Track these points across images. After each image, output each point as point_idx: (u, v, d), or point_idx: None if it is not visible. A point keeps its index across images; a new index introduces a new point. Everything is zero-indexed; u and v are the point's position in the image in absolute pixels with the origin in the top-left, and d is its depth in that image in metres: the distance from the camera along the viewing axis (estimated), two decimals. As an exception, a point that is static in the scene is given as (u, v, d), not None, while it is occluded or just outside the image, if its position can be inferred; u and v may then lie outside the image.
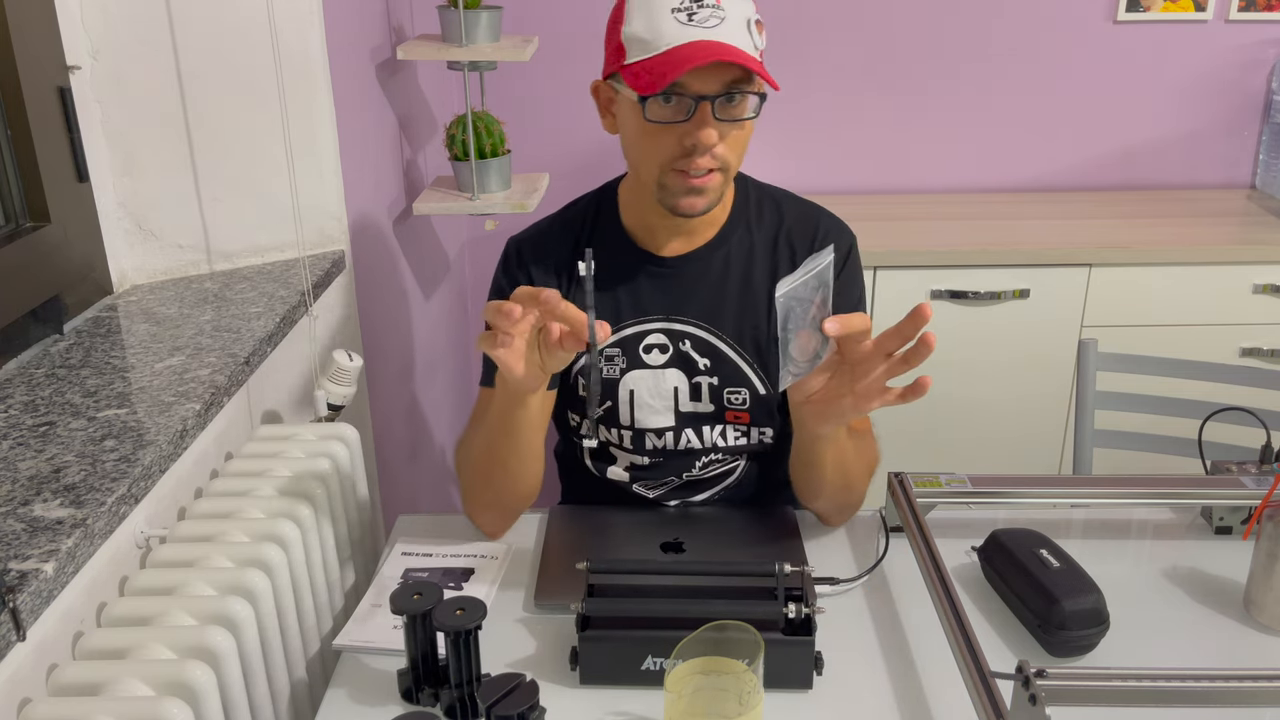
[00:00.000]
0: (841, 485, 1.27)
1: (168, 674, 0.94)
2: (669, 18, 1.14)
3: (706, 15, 1.14)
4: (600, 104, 1.27)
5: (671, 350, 1.32)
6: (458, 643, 1.00)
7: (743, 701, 0.92)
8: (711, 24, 1.14)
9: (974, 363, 2.34)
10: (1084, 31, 2.55)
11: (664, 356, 1.32)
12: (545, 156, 2.39)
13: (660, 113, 1.17)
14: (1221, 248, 2.27)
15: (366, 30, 1.88)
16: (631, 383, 1.32)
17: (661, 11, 1.15)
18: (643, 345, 1.33)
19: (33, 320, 1.32)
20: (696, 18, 1.14)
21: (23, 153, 1.31)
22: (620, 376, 1.33)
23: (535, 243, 1.36)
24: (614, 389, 1.33)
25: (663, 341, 1.33)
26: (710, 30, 1.14)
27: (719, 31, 1.14)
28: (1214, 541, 1.31)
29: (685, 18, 1.14)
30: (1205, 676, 0.93)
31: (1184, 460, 1.70)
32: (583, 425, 1.38)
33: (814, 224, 1.34)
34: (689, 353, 1.32)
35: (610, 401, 1.33)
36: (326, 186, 1.64)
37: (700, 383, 1.32)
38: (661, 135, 1.18)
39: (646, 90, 1.14)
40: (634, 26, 1.17)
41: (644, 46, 1.16)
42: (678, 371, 1.32)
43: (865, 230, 1.40)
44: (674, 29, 1.14)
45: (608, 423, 1.35)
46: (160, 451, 1.09)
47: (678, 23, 1.14)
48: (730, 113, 1.17)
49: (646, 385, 1.32)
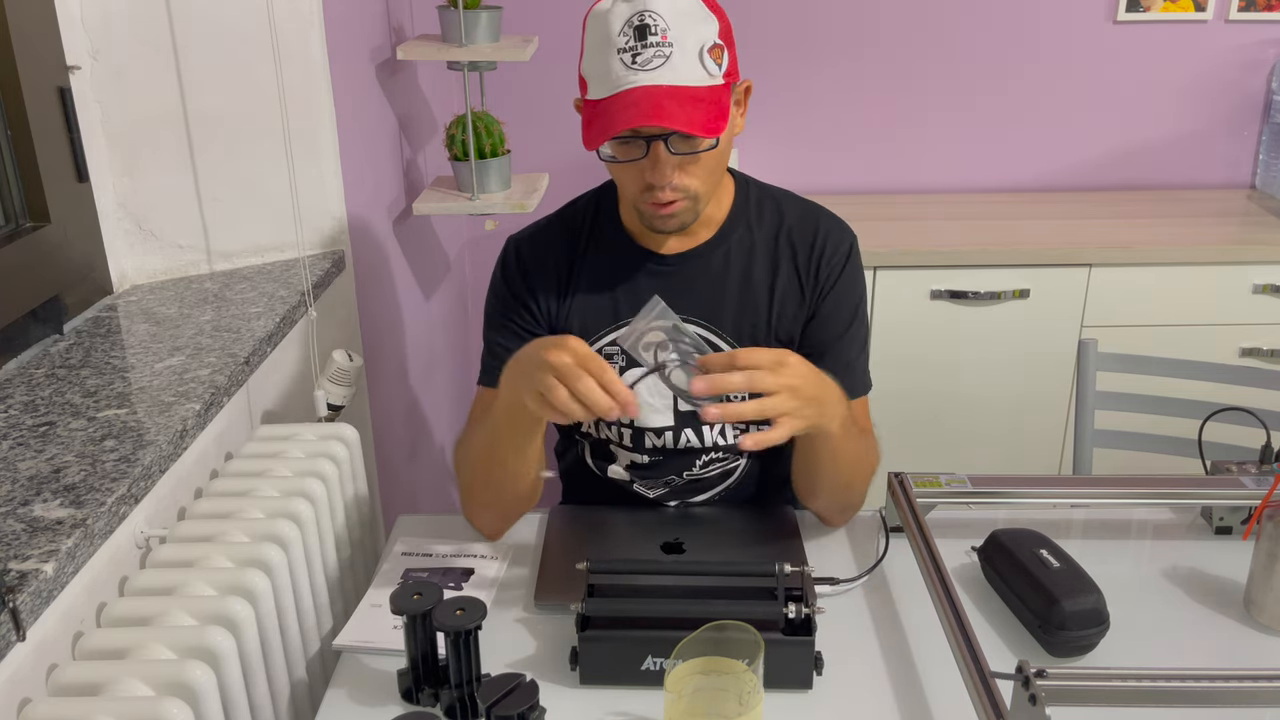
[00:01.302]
0: (841, 485, 1.27)
1: (168, 674, 0.94)
2: (615, 59, 1.13)
3: (650, 56, 1.12)
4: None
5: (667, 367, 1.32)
6: (458, 643, 1.00)
7: (743, 701, 0.92)
8: (654, 65, 1.12)
9: (974, 363, 2.34)
10: (1084, 31, 2.55)
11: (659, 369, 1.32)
12: (545, 156, 2.39)
13: (618, 150, 1.19)
14: (1221, 248, 2.27)
15: (366, 30, 1.88)
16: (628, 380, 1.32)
17: (608, 51, 1.14)
18: (642, 343, 1.32)
19: (33, 320, 1.32)
20: (640, 59, 1.12)
21: (23, 153, 1.31)
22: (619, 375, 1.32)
23: (535, 242, 1.36)
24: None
25: (662, 339, 1.33)
26: (652, 73, 1.12)
27: (660, 74, 1.12)
28: (1214, 541, 1.31)
29: (630, 59, 1.13)
30: (1205, 676, 0.93)
31: (1184, 460, 1.69)
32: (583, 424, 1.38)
33: (814, 223, 1.34)
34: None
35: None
36: (326, 186, 1.64)
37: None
38: (624, 171, 1.21)
39: (585, 143, 1.16)
40: (587, 63, 1.18)
41: (595, 85, 1.17)
42: (678, 371, 1.32)
43: (865, 230, 1.40)
44: (619, 72, 1.13)
45: (608, 421, 1.35)
46: (160, 451, 1.09)
47: (623, 65, 1.13)
48: (689, 145, 1.17)
49: (646, 384, 1.32)
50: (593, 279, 1.33)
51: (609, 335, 1.33)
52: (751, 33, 2.55)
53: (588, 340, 1.33)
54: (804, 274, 1.32)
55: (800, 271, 1.32)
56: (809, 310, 1.32)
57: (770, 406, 1.06)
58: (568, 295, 1.34)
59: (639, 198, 1.22)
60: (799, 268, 1.32)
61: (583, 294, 1.33)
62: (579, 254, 1.34)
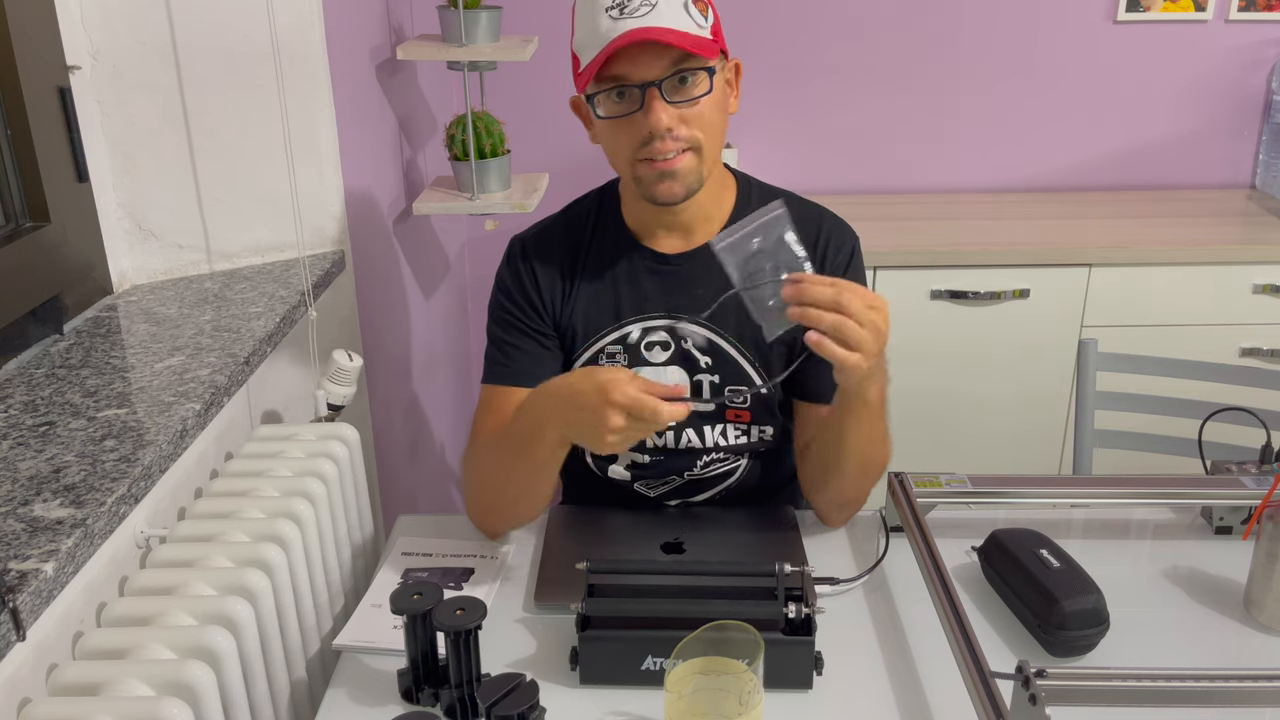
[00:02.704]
0: (858, 469, 1.25)
1: (168, 674, 0.94)
2: (603, 16, 1.17)
3: (638, 5, 1.16)
4: (582, 118, 1.30)
5: (673, 348, 1.33)
6: (458, 643, 1.00)
7: (743, 701, 0.92)
8: (642, 12, 1.16)
9: (974, 363, 2.34)
10: (1084, 31, 2.55)
11: (665, 354, 1.32)
12: (545, 156, 2.39)
13: (613, 108, 1.20)
14: (1221, 248, 2.27)
15: (366, 30, 1.88)
16: None
17: (597, 13, 1.17)
18: (644, 343, 1.33)
19: (33, 320, 1.32)
20: (628, 9, 1.16)
21: (23, 153, 1.31)
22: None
23: (539, 241, 1.36)
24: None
25: (664, 339, 1.33)
26: (641, 18, 1.15)
27: (650, 18, 1.15)
28: (1214, 541, 1.31)
29: (618, 12, 1.16)
30: (1205, 676, 0.93)
31: (1184, 460, 1.70)
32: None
33: (816, 224, 1.34)
34: (690, 351, 1.32)
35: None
36: (326, 186, 1.64)
37: (701, 381, 1.32)
38: (621, 129, 1.21)
39: (582, 87, 1.18)
40: (578, 35, 1.21)
41: (587, 50, 1.19)
42: (679, 369, 1.33)
43: (865, 230, 1.40)
44: (607, 25, 1.16)
45: None
46: (160, 451, 1.09)
47: (610, 19, 1.16)
48: (683, 93, 1.19)
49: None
50: (596, 278, 1.33)
51: (611, 334, 1.33)
52: (752, 33, 2.55)
53: (590, 340, 1.33)
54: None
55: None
56: (810, 310, 1.32)
57: (853, 332, 1.04)
58: (571, 294, 1.34)
59: (637, 161, 1.22)
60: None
61: (585, 293, 1.33)
62: (582, 253, 1.34)
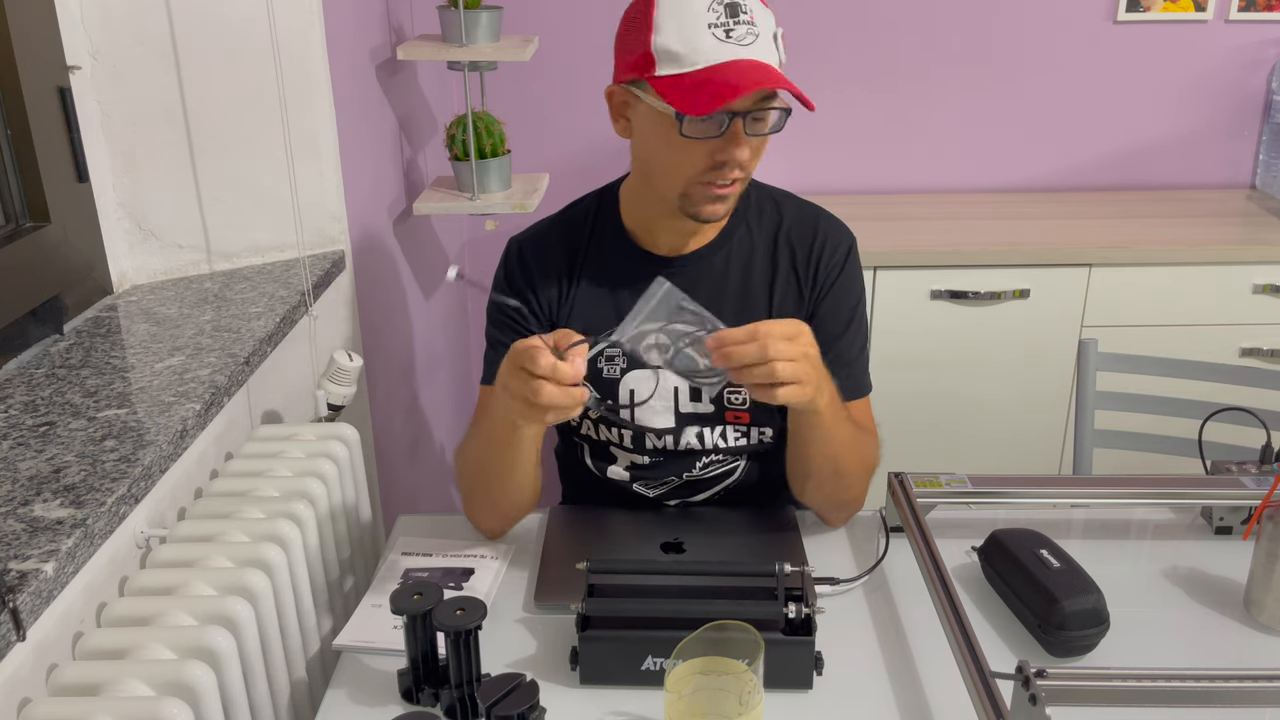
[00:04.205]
0: (830, 472, 1.26)
1: (168, 674, 0.94)
2: (706, 33, 1.13)
3: (743, 33, 1.14)
4: (613, 108, 1.26)
5: (672, 350, 1.32)
6: (458, 643, 1.00)
7: (743, 701, 0.92)
8: (748, 41, 1.14)
9: (974, 362, 2.34)
10: (1084, 31, 2.55)
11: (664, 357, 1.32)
12: (545, 156, 2.39)
13: (697, 130, 1.17)
14: (1221, 248, 2.27)
15: (366, 30, 1.88)
16: (632, 383, 1.33)
17: (697, 25, 1.14)
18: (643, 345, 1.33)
19: (33, 320, 1.32)
20: (734, 35, 1.14)
21: (23, 153, 1.31)
22: (620, 377, 1.33)
23: (536, 243, 1.36)
24: (614, 389, 1.33)
25: (663, 341, 1.33)
26: (747, 48, 1.14)
27: (755, 49, 1.14)
28: (1214, 541, 1.31)
29: (723, 34, 1.14)
30: (1205, 676, 0.93)
31: (1184, 460, 1.70)
32: (582, 425, 1.38)
33: (813, 224, 1.34)
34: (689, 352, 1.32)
35: (612, 400, 1.33)
36: (326, 186, 1.64)
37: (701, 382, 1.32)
38: (691, 149, 1.18)
39: (692, 110, 1.13)
40: (666, 38, 1.15)
41: (678, 60, 1.15)
42: (678, 371, 1.33)
43: (865, 230, 1.40)
44: (711, 45, 1.13)
45: (608, 422, 1.35)
46: (160, 451, 1.09)
47: (715, 39, 1.13)
48: (757, 128, 1.18)
49: (647, 386, 1.32)
50: (594, 280, 1.33)
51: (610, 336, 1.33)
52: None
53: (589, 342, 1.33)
54: (802, 275, 1.32)
55: (799, 272, 1.32)
56: (807, 311, 1.32)
57: (784, 371, 1.06)
58: (569, 296, 1.34)
59: (696, 181, 1.20)
60: (798, 268, 1.32)
61: (584, 295, 1.33)
62: (580, 255, 1.34)
